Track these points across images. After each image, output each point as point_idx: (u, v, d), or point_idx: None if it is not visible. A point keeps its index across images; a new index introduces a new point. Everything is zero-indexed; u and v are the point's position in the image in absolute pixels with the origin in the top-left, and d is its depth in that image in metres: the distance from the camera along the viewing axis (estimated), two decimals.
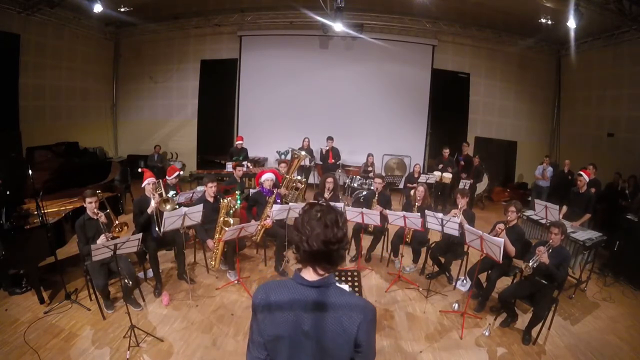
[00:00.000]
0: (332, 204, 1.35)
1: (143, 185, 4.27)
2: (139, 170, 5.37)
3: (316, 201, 1.32)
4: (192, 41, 9.88)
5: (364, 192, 6.46)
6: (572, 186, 5.71)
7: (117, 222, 3.65)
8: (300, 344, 1.27)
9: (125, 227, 3.63)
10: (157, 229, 4.06)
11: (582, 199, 5.24)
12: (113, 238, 3.51)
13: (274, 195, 4.78)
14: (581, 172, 5.40)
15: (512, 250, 3.83)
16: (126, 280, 3.41)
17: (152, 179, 4.26)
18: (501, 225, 3.92)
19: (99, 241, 3.45)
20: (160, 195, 4.22)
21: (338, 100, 9.54)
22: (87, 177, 5.74)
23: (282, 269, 4.67)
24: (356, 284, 2.81)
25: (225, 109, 9.89)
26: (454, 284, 4.59)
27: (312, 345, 1.26)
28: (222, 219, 4.37)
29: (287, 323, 1.27)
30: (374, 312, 1.30)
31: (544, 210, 5.04)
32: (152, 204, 4.08)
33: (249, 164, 7.35)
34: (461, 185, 7.32)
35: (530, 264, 3.41)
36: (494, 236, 3.57)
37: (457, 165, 8.05)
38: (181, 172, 5.59)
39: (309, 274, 1.28)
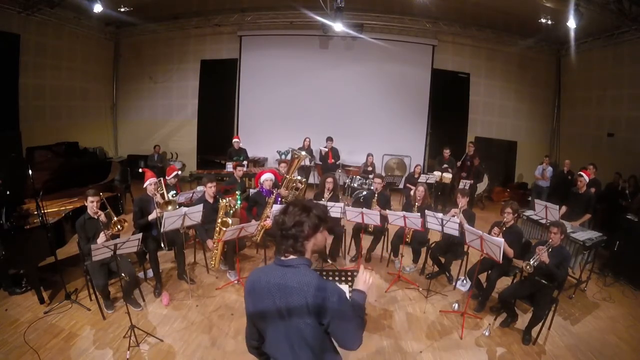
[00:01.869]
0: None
1: (145, 185, 4.27)
2: (140, 170, 5.38)
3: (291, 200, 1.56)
4: (192, 41, 9.88)
5: (364, 192, 6.45)
6: (572, 186, 5.71)
7: (115, 218, 3.64)
8: (276, 320, 1.42)
9: (125, 224, 3.62)
10: (157, 229, 4.06)
11: (582, 199, 5.23)
12: (112, 236, 3.51)
13: (273, 196, 4.77)
14: (581, 173, 5.40)
15: (510, 252, 3.81)
16: (123, 275, 3.41)
17: (153, 179, 4.27)
18: (496, 230, 3.92)
19: (98, 240, 3.46)
20: (162, 195, 4.22)
21: (338, 100, 9.54)
22: (87, 177, 5.74)
23: None
24: None
25: (225, 109, 9.89)
26: (454, 284, 4.59)
27: (284, 321, 1.40)
28: (220, 219, 4.37)
29: (265, 302, 1.42)
30: (340, 294, 1.40)
31: (544, 210, 5.04)
32: (154, 213, 4.06)
33: (248, 163, 7.34)
34: (461, 185, 7.32)
35: (531, 263, 3.41)
36: None
37: (463, 165, 7.97)
38: (179, 172, 5.58)
39: (285, 256, 1.45)
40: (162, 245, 4.10)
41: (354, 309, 1.48)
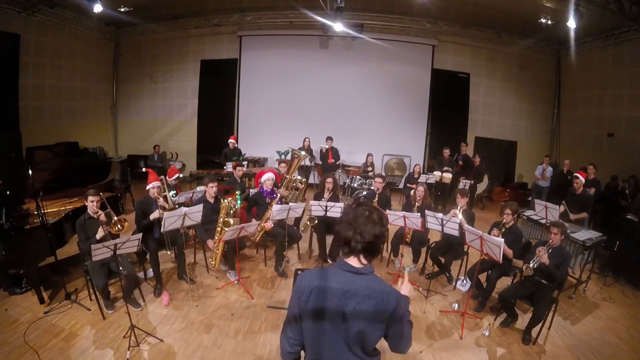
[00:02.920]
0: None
1: (147, 187, 4.26)
2: (143, 169, 5.40)
3: (361, 200, 1.52)
4: (192, 41, 9.88)
5: (364, 192, 6.46)
6: (571, 186, 5.71)
7: (115, 218, 3.64)
8: (337, 326, 1.41)
9: (126, 223, 3.61)
10: (160, 230, 4.07)
11: (580, 199, 5.23)
12: (112, 235, 3.51)
13: (276, 198, 4.76)
14: (577, 174, 5.37)
15: (509, 253, 3.80)
16: (125, 271, 3.40)
17: (156, 183, 4.26)
18: (495, 231, 3.92)
19: (97, 235, 3.46)
20: (165, 199, 4.22)
21: (338, 100, 9.54)
22: (87, 177, 5.74)
23: (282, 269, 4.67)
24: None
25: (225, 109, 9.89)
26: (454, 284, 4.59)
27: (347, 327, 1.40)
28: (222, 219, 4.37)
29: (329, 307, 1.40)
30: (406, 301, 1.50)
31: (544, 210, 5.04)
32: (156, 213, 4.07)
33: (248, 163, 7.33)
34: (461, 185, 7.32)
35: (531, 265, 3.40)
36: None
37: (456, 165, 8.06)
38: (180, 175, 5.61)
39: (355, 262, 1.42)
40: (167, 247, 4.15)
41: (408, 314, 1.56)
